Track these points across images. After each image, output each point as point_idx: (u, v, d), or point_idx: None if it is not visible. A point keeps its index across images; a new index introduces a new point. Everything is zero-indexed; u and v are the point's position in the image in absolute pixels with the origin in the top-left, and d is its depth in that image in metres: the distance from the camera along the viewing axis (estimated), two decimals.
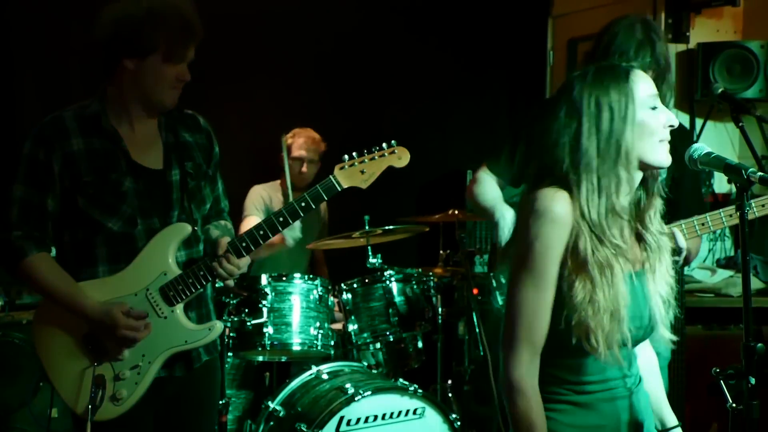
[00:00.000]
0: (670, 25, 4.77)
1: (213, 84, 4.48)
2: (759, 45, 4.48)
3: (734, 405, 1.83)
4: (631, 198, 1.86)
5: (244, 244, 2.48)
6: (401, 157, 2.60)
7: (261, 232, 2.49)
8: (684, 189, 2.59)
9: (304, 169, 4.33)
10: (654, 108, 1.84)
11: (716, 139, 4.67)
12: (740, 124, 3.12)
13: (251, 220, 4.15)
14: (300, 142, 4.35)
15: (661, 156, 1.84)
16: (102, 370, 2.41)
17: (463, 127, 5.24)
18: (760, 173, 1.76)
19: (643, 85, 1.84)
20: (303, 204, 2.50)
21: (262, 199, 4.35)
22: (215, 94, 4.52)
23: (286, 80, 4.78)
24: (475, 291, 4.05)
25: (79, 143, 2.42)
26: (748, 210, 1.81)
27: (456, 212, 4.13)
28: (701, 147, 1.87)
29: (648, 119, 1.82)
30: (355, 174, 2.57)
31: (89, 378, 2.38)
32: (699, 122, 4.71)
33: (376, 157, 2.58)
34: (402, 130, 4.99)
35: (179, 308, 2.47)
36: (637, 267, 1.88)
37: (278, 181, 4.44)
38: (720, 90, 3.23)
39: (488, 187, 2.99)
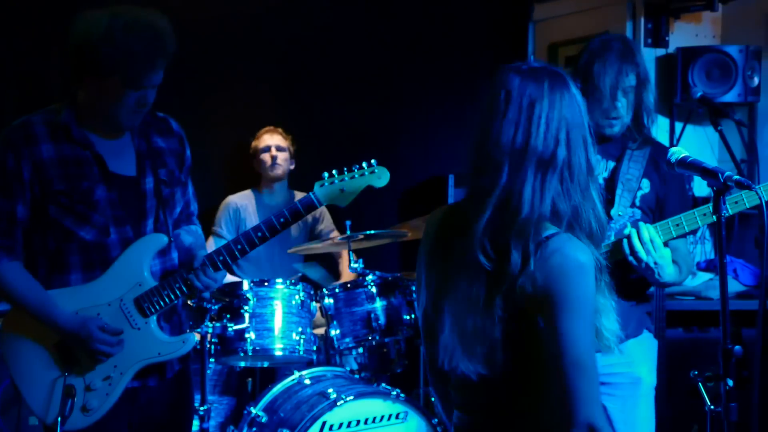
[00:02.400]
0: (649, 29, 4.81)
1: (192, 89, 4.49)
2: (737, 49, 4.52)
3: (713, 407, 1.84)
4: None
5: (221, 258, 2.45)
6: (381, 177, 2.61)
7: (239, 247, 2.47)
8: (671, 196, 2.61)
9: (274, 152, 4.38)
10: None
11: (696, 143, 4.71)
12: (719, 128, 3.17)
13: (211, 245, 4.19)
14: (265, 136, 4.45)
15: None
16: (72, 381, 2.37)
17: (445, 132, 5.24)
18: (736, 176, 1.78)
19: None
20: (282, 220, 2.49)
21: (233, 213, 4.39)
22: (193, 98, 4.52)
23: (264, 86, 4.77)
24: None
25: (49, 150, 2.37)
26: (724, 214, 1.82)
27: None
28: (678, 151, 1.89)
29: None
30: (334, 192, 2.57)
31: (59, 388, 2.34)
32: (679, 126, 4.75)
33: (356, 176, 2.58)
34: (384, 136, 5.07)
35: (153, 320, 2.44)
36: None
37: (249, 191, 4.49)
38: (699, 94, 3.27)
39: None
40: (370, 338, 3.65)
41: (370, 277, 3.71)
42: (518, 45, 5.46)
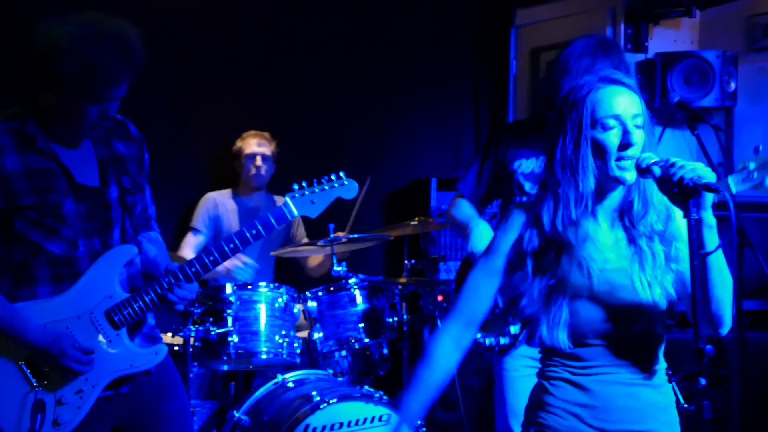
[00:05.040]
0: (629, 35, 4.85)
1: (177, 90, 4.50)
2: (715, 55, 4.55)
3: (686, 406, 1.86)
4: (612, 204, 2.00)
5: (193, 270, 2.43)
6: (350, 189, 2.64)
7: (211, 258, 2.45)
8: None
9: (259, 162, 4.37)
10: (607, 128, 1.92)
11: (674, 147, 4.74)
12: (695, 132, 3.20)
13: (189, 240, 4.26)
14: (251, 141, 4.42)
15: (616, 173, 1.93)
16: (43, 395, 2.33)
17: (428, 136, 5.26)
18: (705, 180, 1.79)
19: (600, 105, 1.93)
20: (254, 232, 2.48)
21: (212, 210, 4.39)
22: (178, 99, 4.53)
23: (249, 89, 4.76)
24: (439, 298, 4.07)
25: (14, 162, 2.28)
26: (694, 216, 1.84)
27: (419, 219, 4.13)
28: (649, 156, 1.90)
29: (601, 139, 1.92)
30: (305, 203, 2.59)
31: (29, 403, 2.30)
32: (658, 130, 4.78)
33: (326, 188, 2.61)
34: (367, 140, 5.08)
35: (124, 332, 2.41)
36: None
37: (230, 190, 4.48)
38: (676, 99, 3.32)
39: (463, 207, 3.08)
40: (353, 341, 3.66)
41: (353, 281, 3.72)
42: (500, 50, 5.49)
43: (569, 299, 1.95)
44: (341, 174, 2.64)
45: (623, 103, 1.93)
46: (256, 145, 4.40)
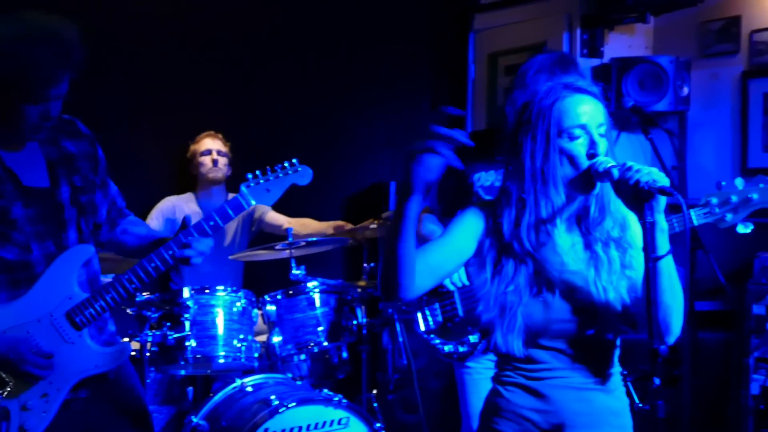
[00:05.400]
0: (585, 40, 4.90)
1: (130, 92, 4.45)
2: (668, 60, 4.62)
3: (641, 405, 1.89)
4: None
5: (211, 223, 2.44)
6: (304, 176, 2.64)
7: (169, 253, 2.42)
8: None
9: (215, 156, 4.39)
10: (574, 138, 1.94)
11: (630, 151, 4.79)
12: (649, 136, 3.25)
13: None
14: (206, 140, 4.44)
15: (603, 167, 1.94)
16: (6, 403, 2.29)
17: (386, 140, 5.26)
18: (659, 184, 1.82)
19: (566, 114, 1.95)
20: (212, 223, 2.46)
21: (168, 213, 4.36)
22: (131, 102, 4.48)
23: (204, 91, 4.72)
24: None
25: None
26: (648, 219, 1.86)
27: (377, 223, 4.13)
28: (606, 160, 1.92)
29: (569, 149, 1.94)
30: (261, 191, 2.58)
31: None
32: (613, 134, 4.84)
33: (280, 175, 2.61)
34: (325, 144, 5.07)
35: (86, 332, 2.37)
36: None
37: (190, 194, 4.45)
38: (630, 103, 3.36)
39: (428, 222, 3.13)
40: (312, 345, 3.65)
41: (312, 284, 3.70)
42: (459, 54, 5.52)
43: (526, 303, 1.97)
44: (294, 161, 2.64)
45: (589, 113, 1.96)
46: (211, 143, 4.41)
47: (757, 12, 4.57)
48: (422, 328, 3.16)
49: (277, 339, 3.66)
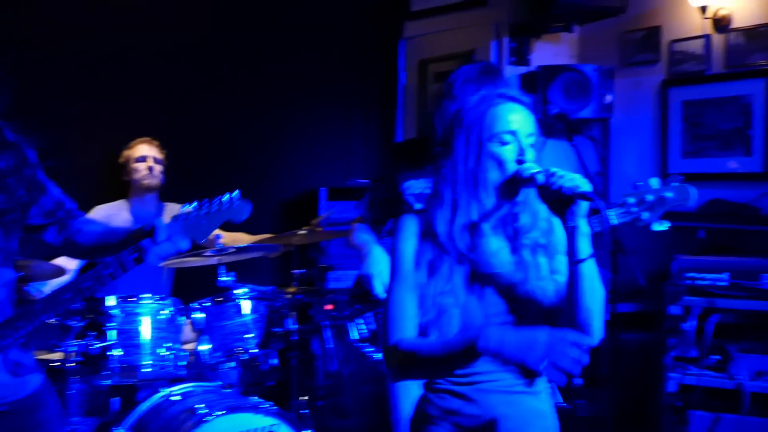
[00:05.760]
0: (513, 49, 4.98)
1: (63, 97, 4.36)
2: (592, 69, 4.73)
3: (564, 404, 1.92)
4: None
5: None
6: (240, 212, 2.52)
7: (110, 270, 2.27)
8: None
9: (151, 163, 4.30)
10: (504, 143, 1.98)
11: (555, 157, 4.86)
12: (572, 143, 3.31)
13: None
14: (142, 146, 4.34)
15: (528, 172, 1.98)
16: None
17: (317, 145, 5.26)
18: (581, 189, 1.85)
19: (498, 120, 1.98)
20: (136, 255, 2.29)
21: (104, 220, 4.25)
22: (64, 107, 4.39)
23: (137, 96, 4.65)
24: (328, 307, 4.06)
25: None
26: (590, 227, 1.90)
27: (308, 228, 4.11)
28: (531, 166, 1.95)
29: (498, 153, 1.98)
30: (193, 225, 2.44)
31: None
32: (540, 141, 4.91)
33: (216, 210, 2.50)
34: (257, 149, 5.04)
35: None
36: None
37: (123, 201, 4.37)
38: (555, 110, 3.41)
39: (360, 232, 3.14)
40: (241, 352, 3.61)
41: (241, 291, 3.67)
42: (390, 61, 5.55)
43: (463, 303, 1.98)
44: (234, 196, 2.53)
45: (519, 121, 2.00)
46: (147, 149, 4.33)
47: (677, 22, 4.71)
48: (355, 336, 3.16)
49: (205, 347, 3.61)
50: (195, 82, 4.81)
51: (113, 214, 4.29)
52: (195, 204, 2.39)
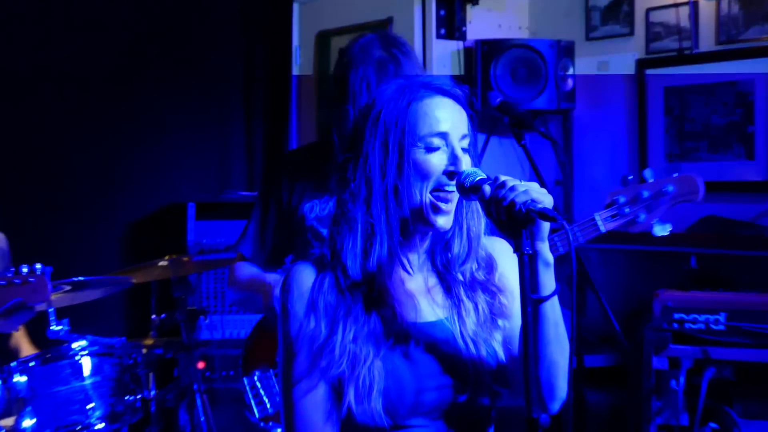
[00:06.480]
0: (442, 18, 5.04)
1: None
2: (548, 44, 4.81)
3: None
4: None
5: None
6: (36, 291, 2.43)
7: None
8: None
9: None
10: (431, 149, 1.98)
11: (503, 160, 4.94)
12: (523, 142, 3.35)
13: None
14: None
15: (429, 215, 1.99)
16: None
17: (184, 148, 5.28)
18: (540, 206, 1.85)
19: (423, 119, 1.98)
20: None
21: None
22: None
23: None
24: (200, 365, 4.03)
25: None
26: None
27: (171, 258, 4.07)
28: (475, 172, 1.95)
29: (422, 161, 1.98)
30: None
31: None
32: (481, 138, 4.97)
33: (5, 284, 2.39)
34: (98, 154, 4.98)
35: None
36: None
37: None
38: (498, 100, 3.45)
39: (245, 267, 3.15)
40: (80, 428, 3.55)
41: (79, 344, 3.61)
42: (278, 33, 5.55)
43: (384, 356, 1.98)
44: (37, 267, 2.43)
45: (451, 120, 2.00)
46: None
47: None
48: (257, 415, 3.16)
49: (29, 422, 3.53)
50: (30, 73, 4.81)
51: None
52: None
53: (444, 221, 2.00)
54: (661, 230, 2.87)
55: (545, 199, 1.87)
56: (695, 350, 3.82)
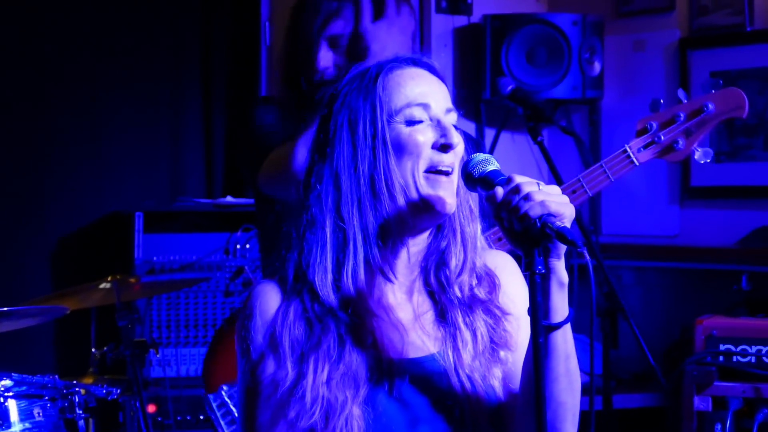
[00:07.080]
0: None
1: None
2: (571, 20, 4.85)
3: None
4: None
5: None
6: None
7: None
8: None
9: None
10: (413, 122, 2.02)
11: (515, 161, 5.01)
12: (539, 139, 3.41)
13: None
14: None
15: (427, 190, 2.01)
16: None
17: (129, 145, 5.34)
18: (559, 226, 1.85)
19: (398, 90, 2.03)
20: None
21: None
22: None
23: None
24: (150, 408, 4.07)
25: None
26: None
27: (114, 279, 4.13)
28: (486, 159, 1.96)
29: (405, 138, 2.01)
30: None
31: None
32: (491, 133, 5.07)
33: None
34: (22, 156, 4.99)
35: None
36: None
37: None
38: (510, 87, 3.50)
39: None
40: None
41: (2, 384, 3.65)
42: (245, 11, 5.61)
43: (366, 398, 2.00)
44: None
45: (430, 91, 2.04)
46: None
47: None
48: None
49: None
50: None
51: None
52: None
53: (450, 198, 2.00)
54: (703, 157, 2.93)
55: (566, 211, 1.86)
56: (745, 387, 3.84)
